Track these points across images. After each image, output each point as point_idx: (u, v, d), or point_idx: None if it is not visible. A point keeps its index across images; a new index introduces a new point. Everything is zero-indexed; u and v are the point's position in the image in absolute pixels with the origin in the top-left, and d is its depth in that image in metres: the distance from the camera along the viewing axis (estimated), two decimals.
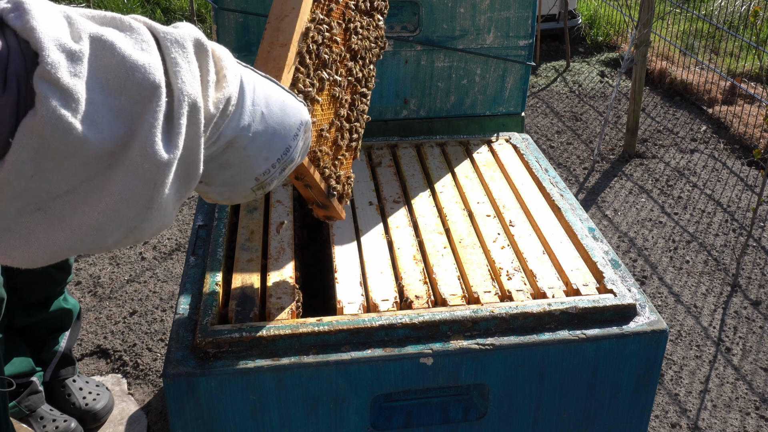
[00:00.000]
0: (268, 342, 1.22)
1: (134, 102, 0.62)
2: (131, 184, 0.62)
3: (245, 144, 0.79)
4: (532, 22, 1.97)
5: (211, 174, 0.81)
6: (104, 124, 0.60)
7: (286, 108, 0.84)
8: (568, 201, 1.66)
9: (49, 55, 0.55)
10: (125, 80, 0.61)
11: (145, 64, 0.62)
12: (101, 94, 0.60)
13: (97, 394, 2.39)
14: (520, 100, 2.05)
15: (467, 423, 1.33)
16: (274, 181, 0.88)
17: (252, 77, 0.80)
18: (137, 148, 0.62)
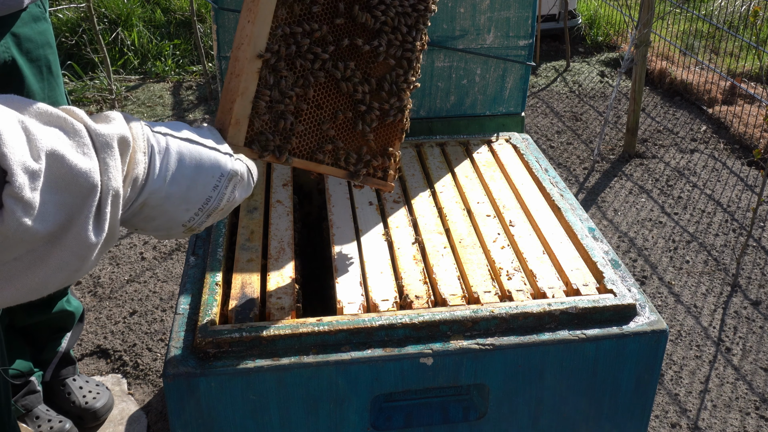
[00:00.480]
0: (268, 342, 1.22)
1: (75, 197, 0.80)
2: (66, 259, 0.81)
3: (160, 203, 0.92)
4: (532, 22, 1.97)
5: (139, 225, 0.96)
6: (51, 216, 0.78)
7: (201, 165, 0.96)
8: (568, 201, 1.66)
9: (17, 178, 0.72)
10: (70, 183, 0.79)
11: (86, 169, 0.80)
12: (51, 194, 0.77)
13: (97, 393, 2.39)
14: (520, 100, 2.05)
15: (467, 423, 1.33)
16: (203, 224, 1.01)
17: (166, 144, 0.93)
18: (73, 234, 0.80)
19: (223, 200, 0.99)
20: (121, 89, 4.78)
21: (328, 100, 1.28)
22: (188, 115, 4.53)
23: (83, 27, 5.16)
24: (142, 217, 0.94)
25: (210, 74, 4.77)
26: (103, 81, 4.65)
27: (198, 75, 5.06)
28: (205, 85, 4.79)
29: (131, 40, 5.27)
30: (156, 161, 0.91)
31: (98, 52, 4.63)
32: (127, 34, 5.31)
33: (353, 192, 1.68)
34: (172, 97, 4.80)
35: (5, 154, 0.72)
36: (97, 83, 4.70)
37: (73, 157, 0.79)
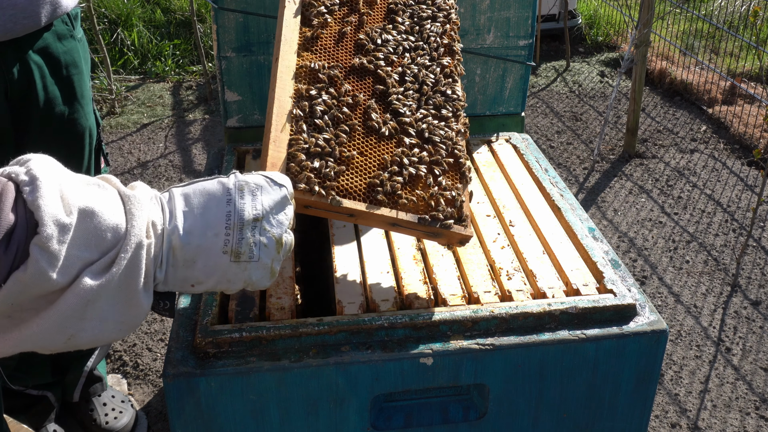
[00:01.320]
0: (268, 342, 1.22)
1: (102, 253, 0.83)
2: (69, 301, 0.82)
3: (186, 240, 0.92)
4: (532, 22, 1.97)
5: (190, 275, 0.94)
6: (74, 271, 0.81)
7: (206, 191, 0.97)
8: (568, 201, 1.66)
9: (46, 229, 0.77)
10: (100, 239, 0.83)
11: (115, 224, 0.84)
12: (79, 250, 0.81)
13: (120, 411, 2.33)
14: (520, 100, 2.05)
15: (467, 423, 1.33)
16: (251, 243, 0.96)
17: (170, 194, 0.96)
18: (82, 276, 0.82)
19: (246, 209, 0.96)
20: (121, 89, 4.78)
21: (370, 148, 1.29)
22: (188, 115, 4.54)
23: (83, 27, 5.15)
24: (184, 264, 0.93)
25: (210, 74, 4.77)
26: (103, 81, 4.65)
27: (198, 75, 5.07)
28: (205, 85, 4.79)
29: (131, 40, 5.28)
30: (166, 209, 0.94)
31: (98, 52, 4.63)
32: (127, 34, 5.31)
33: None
34: (172, 97, 4.80)
35: (40, 206, 0.77)
36: (97, 83, 4.70)
37: (104, 214, 0.84)
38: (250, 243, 0.96)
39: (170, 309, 0.98)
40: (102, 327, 0.86)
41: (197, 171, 3.89)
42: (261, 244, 0.97)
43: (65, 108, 1.81)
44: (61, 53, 1.76)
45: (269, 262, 0.98)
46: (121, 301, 0.87)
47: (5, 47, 1.65)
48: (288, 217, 1.02)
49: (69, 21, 1.80)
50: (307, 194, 1.18)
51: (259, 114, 1.96)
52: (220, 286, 0.97)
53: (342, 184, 1.22)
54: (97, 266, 0.83)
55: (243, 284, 0.98)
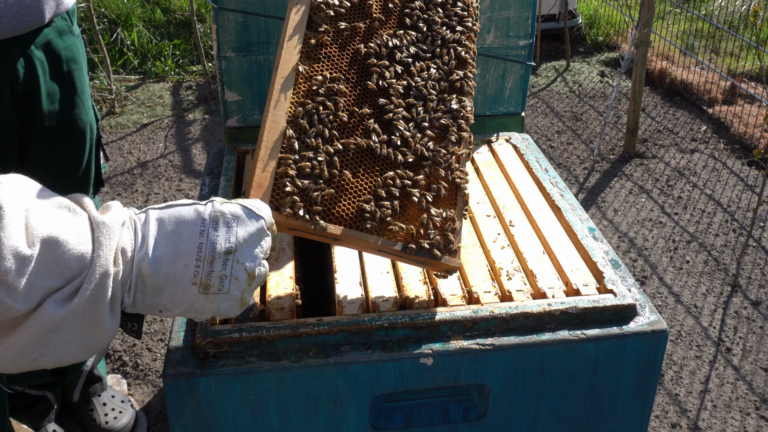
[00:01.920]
0: (268, 342, 1.22)
1: (66, 281, 0.84)
2: (31, 327, 0.83)
3: (156, 269, 0.92)
4: (532, 22, 1.97)
5: (156, 302, 0.95)
6: (36, 299, 0.82)
7: (181, 219, 0.95)
8: (568, 201, 1.66)
9: (5, 263, 0.77)
10: (63, 267, 0.83)
11: (79, 254, 0.84)
12: (42, 279, 0.82)
13: (120, 411, 2.33)
14: (520, 100, 2.05)
15: (467, 423, 1.33)
16: (221, 276, 0.96)
17: (146, 217, 0.95)
18: (44, 305, 0.83)
19: (218, 242, 0.95)
20: (120, 89, 4.78)
21: (364, 168, 1.24)
22: (188, 115, 4.54)
23: (83, 27, 5.16)
24: (152, 292, 0.93)
25: (210, 74, 4.77)
26: (103, 81, 4.65)
27: (198, 75, 5.07)
28: (205, 85, 4.79)
29: (131, 40, 5.28)
30: (139, 233, 0.93)
31: (98, 52, 4.63)
32: (127, 34, 5.31)
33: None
34: (171, 97, 4.80)
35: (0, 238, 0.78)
36: (97, 83, 4.70)
37: (69, 242, 0.84)
38: (219, 276, 0.96)
39: (137, 330, 0.98)
40: (66, 350, 0.87)
41: (197, 171, 3.89)
42: (232, 277, 0.97)
43: (67, 103, 1.82)
44: (62, 49, 1.77)
45: (239, 294, 0.98)
46: (86, 326, 0.87)
47: (10, 44, 1.65)
48: (264, 248, 1.01)
49: (68, 17, 1.81)
50: (291, 218, 1.15)
51: (258, 114, 1.96)
52: (188, 314, 0.98)
53: (328, 208, 1.19)
54: (60, 294, 0.84)
55: (211, 314, 0.99)
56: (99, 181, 2.05)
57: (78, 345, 0.88)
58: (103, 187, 2.44)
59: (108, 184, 3.75)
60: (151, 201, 3.63)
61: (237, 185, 1.72)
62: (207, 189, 1.72)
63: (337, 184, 1.21)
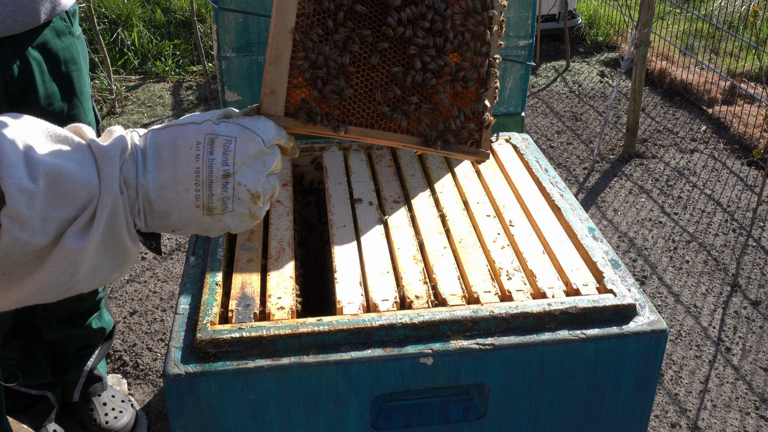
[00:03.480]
0: (268, 342, 1.22)
1: (78, 210, 0.85)
2: (57, 262, 0.85)
3: (160, 194, 0.93)
4: (532, 22, 1.97)
5: (166, 224, 0.96)
6: (53, 230, 0.83)
7: (176, 143, 0.95)
8: (568, 201, 1.66)
9: (12, 199, 0.79)
10: (73, 198, 0.85)
11: (86, 182, 0.86)
12: (53, 210, 0.83)
13: (120, 411, 2.33)
14: (520, 100, 2.05)
15: (467, 423, 1.33)
16: (221, 198, 0.95)
17: (146, 141, 0.95)
18: (64, 238, 0.84)
19: (214, 166, 0.94)
20: (121, 89, 4.78)
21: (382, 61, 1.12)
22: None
23: (83, 27, 5.16)
24: (159, 215, 0.95)
25: (210, 74, 4.77)
26: (103, 81, 4.65)
27: (198, 75, 5.07)
28: (205, 85, 4.79)
29: (131, 40, 5.27)
30: (140, 159, 0.94)
31: (98, 52, 4.63)
32: (127, 34, 5.31)
33: (353, 192, 1.68)
34: (172, 97, 4.80)
35: (2, 178, 0.79)
36: (98, 83, 4.70)
37: (73, 173, 0.85)
38: (221, 198, 0.95)
39: (156, 247, 1.00)
40: (95, 274, 0.90)
41: None
42: (234, 197, 0.96)
43: (64, 104, 1.81)
44: (59, 50, 1.77)
45: (246, 211, 0.98)
46: (110, 252, 0.90)
47: (4, 44, 1.65)
48: (267, 167, 0.99)
49: (67, 18, 1.80)
50: (308, 125, 1.07)
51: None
52: (199, 232, 0.99)
53: (347, 109, 1.09)
54: (77, 225, 0.85)
55: (221, 231, 0.99)
56: None
57: (106, 268, 0.91)
58: None
59: None
60: None
61: None
62: None
63: (355, 82, 1.10)
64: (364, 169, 1.78)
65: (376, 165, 1.81)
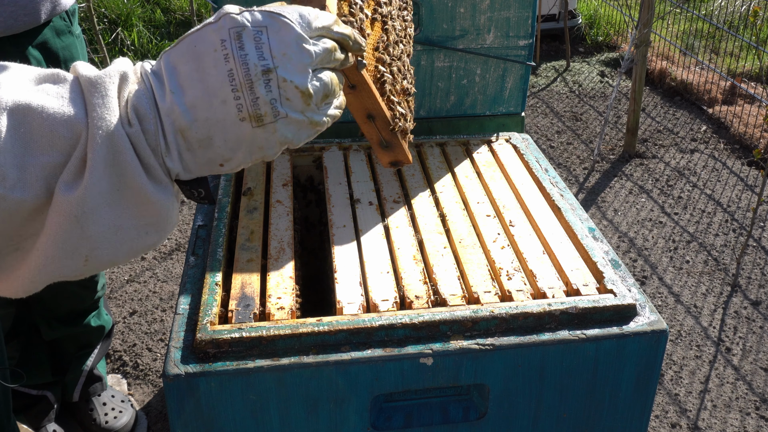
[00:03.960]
0: (268, 342, 1.22)
1: (65, 154, 0.70)
2: (54, 221, 0.70)
3: (193, 117, 0.76)
4: (532, 22, 1.97)
5: (211, 158, 0.79)
6: (38, 182, 0.68)
7: (196, 51, 0.77)
8: (568, 201, 1.66)
9: None
10: (53, 137, 0.69)
11: (67, 116, 0.70)
12: (33, 156, 0.68)
13: (120, 411, 2.34)
14: (520, 100, 2.05)
15: (467, 423, 1.33)
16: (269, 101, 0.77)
17: (159, 64, 0.79)
18: (55, 189, 0.70)
19: (250, 62, 0.76)
20: None
21: None
22: None
23: (83, 27, 5.16)
24: (199, 145, 0.77)
25: None
26: None
27: None
28: None
29: (131, 40, 5.27)
30: (154, 84, 0.77)
31: (98, 52, 4.63)
32: (127, 34, 5.31)
33: (353, 192, 1.68)
34: None
35: None
36: None
37: (47, 107, 0.69)
38: (268, 101, 0.77)
39: (207, 196, 0.82)
40: (120, 237, 0.73)
41: None
42: (282, 98, 0.78)
43: None
44: (59, 49, 1.78)
45: (301, 116, 0.80)
46: (126, 204, 0.73)
47: (5, 43, 1.66)
48: (312, 58, 0.80)
49: (67, 17, 1.81)
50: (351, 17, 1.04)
51: None
52: (255, 156, 0.81)
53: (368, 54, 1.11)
54: (67, 171, 0.70)
55: (280, 148, 0.81)
56: None
57: (132, 229, 0.74)
58: None
59: None
60: None
61: (237, 185, 1.72)
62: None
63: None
64: (364, 169, 1.78)
65: (376, 165, 1.81)
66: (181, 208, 3.58)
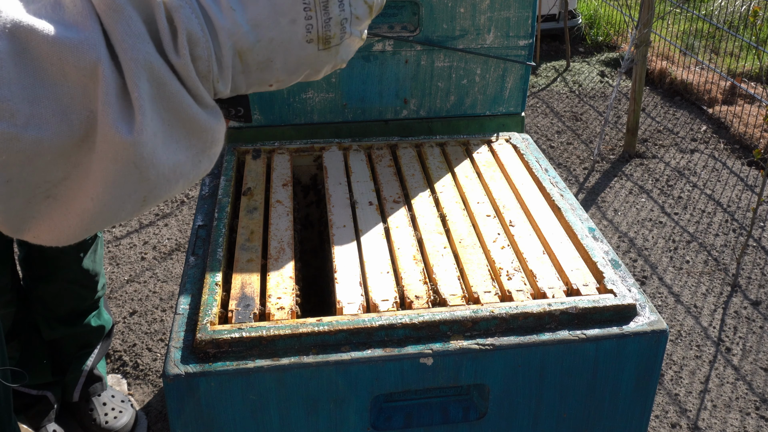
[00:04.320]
0: (268, 342, 1.22)
1: (81, 85, 0.60)
2: (109, 168, 0.61)
3: (256, 38, 0.68)
4: (532, 22, 1.97)
5: (264, 79, 0.72)
6: (55, 117, 0.59)
7: None
8: (568, 201, 1.66)
9: None
10: (63, 65, 0.59)
11: (77, 43, 0.59)
12: (44, 87, 0.58)
13: (120, 411, 2.33)
14: (520, 100, 2.05)
15: (467, 423, 1.33)
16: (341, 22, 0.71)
17: None
18: (100, 134, 0.60)
19: None
20: None
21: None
22: None
23: None
24: (257, 68, 0.70)
25: None
26: None
27: None
28: None
29: None
30: (205, 1, 0.66)
31: None
32: None
33: (353, 192, 1.68)
34: None
35: None
36: None
37: (57, 31, 0.59)
38: (339, 22, 0.70)
39: (245, 114, 0.75)
40: (178, 172, 0.67)
41: None
42: (352, 17, 0.72)
43: None
44: None
45: (359, 34, 0.74)
46: (178, 138, 0.66)
47: None
48: None
49: None
50: None
51: (259, 114, 1.96)
52: (306, 78, 0.76)
53: None
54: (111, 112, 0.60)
55: (332, 69, 0.76)
56: None
57: (187, 161, 0.67)
58: None
59: None
60: None
61: (237, 185, 1.72)
62: (207, 189, 1.73)
63: None
64: (364, 169, 1.78)
65: (376, 165, 1.81)
66: (181, 208, 3.58)
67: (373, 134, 1.98)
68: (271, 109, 1.96)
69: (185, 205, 3.62)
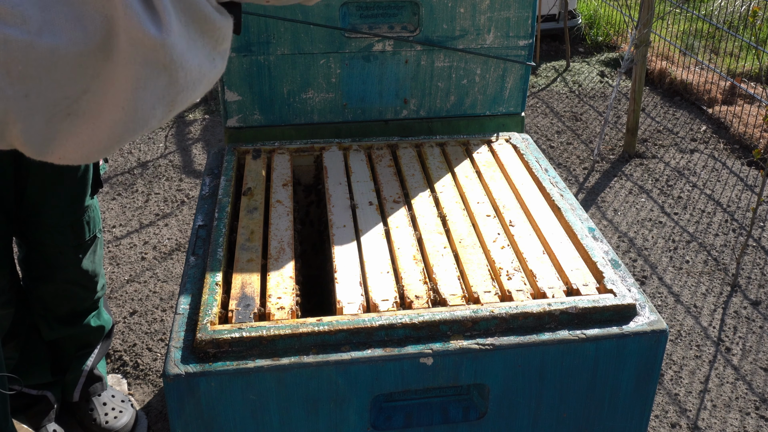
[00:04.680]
0: (268, 342, 1.22)
1: None
2: (137, 73, 0.60)
3: None
4: (532, 22, 1.97)
5: None
6: (69, 23, 0.56)
7: None
8: (568, 201, 1.66)
9: None
10: None
11: None
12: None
13: (120, 411, 2.33)
14: (520, 100, 2.05)
15: (467, 423, 1.33)
16: None
17: None
18: (123, 37, 0.58)
19: None
20: None
21: None
22: (188, 115, 4.54)
23: None
24: None
25: None
26: None
27: None
28: None
29: None
30: None
31: None
32: None
33: (353, 192, 1.68)
34: None
35: None
36: None
37: None
38: None
39: (237, 24, 0.74)
40: (200, 74, 0.67)
41: (197, 171, 3.89)
42: None
43: None
44: None
45: None
46: (197, 37, 0.65)
47: None
48: None
49: None
50: None
51: (259, 114, 1.96)
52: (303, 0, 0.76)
53: None
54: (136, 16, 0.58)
55: None
56: (98, 182, 2.04)
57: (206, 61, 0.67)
58: (102, 188, 2.44)
59: (108, 184, 3.76)
60: (151, 201, 3.63)
61: (237, 185, 1.72)
62: (207, 189, 1.73)
63: None
64: (364, 169, 1.78)
65: (376, 165, 1.81)
66: (181, 208, 3.58)
67: (373, 134, 1.98)
68: (271, 109, 1.96)
69: (185, 205, 3.62)
